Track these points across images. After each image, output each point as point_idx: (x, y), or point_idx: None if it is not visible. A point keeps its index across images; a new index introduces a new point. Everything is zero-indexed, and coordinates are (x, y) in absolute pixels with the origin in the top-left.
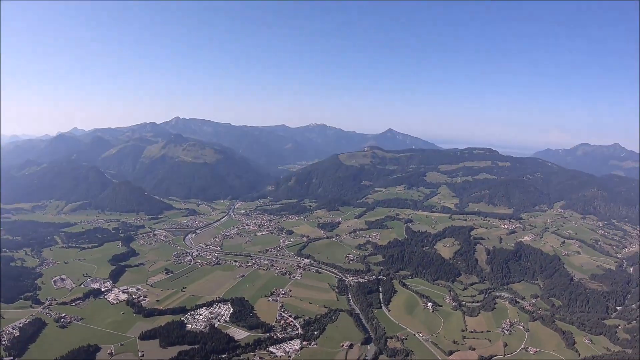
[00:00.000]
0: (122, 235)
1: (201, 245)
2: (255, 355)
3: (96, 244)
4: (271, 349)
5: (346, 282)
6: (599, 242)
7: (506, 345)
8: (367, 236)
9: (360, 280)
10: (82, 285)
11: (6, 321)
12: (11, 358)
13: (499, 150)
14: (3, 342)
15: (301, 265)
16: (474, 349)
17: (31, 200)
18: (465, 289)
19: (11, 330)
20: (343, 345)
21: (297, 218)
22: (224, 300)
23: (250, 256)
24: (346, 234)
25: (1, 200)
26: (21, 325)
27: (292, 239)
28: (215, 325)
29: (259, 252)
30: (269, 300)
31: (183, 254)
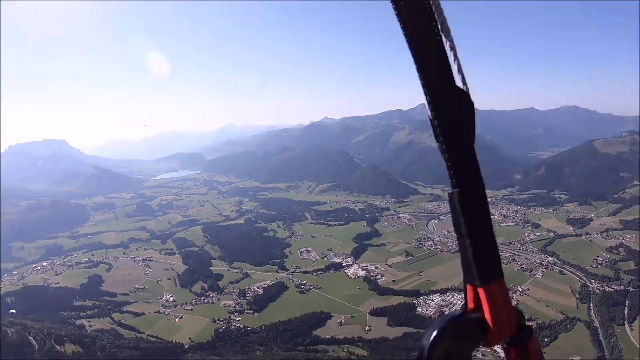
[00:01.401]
0: (367, 216)
1: (443, 231)
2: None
3: (342, 222)
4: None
5: (590, 289)
6: None
7: None
8: (621, 238)
9: (606, 288)
10: (325, 258)
11: (253, 280)
12: (252, 312)
13: None
14: (247, 298)
15: (544, 263)
16: None
17: (285, 180)
18: None
19: (256, 289)
20: (572, 359)
21: (545, 211)
22: (458, 290)
23: None
24: (597, 233)
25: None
26: (265, 285)
27: (537, 233)
28: (444, 313)
29: (502, 244)
30: None
31: (424, 238)
